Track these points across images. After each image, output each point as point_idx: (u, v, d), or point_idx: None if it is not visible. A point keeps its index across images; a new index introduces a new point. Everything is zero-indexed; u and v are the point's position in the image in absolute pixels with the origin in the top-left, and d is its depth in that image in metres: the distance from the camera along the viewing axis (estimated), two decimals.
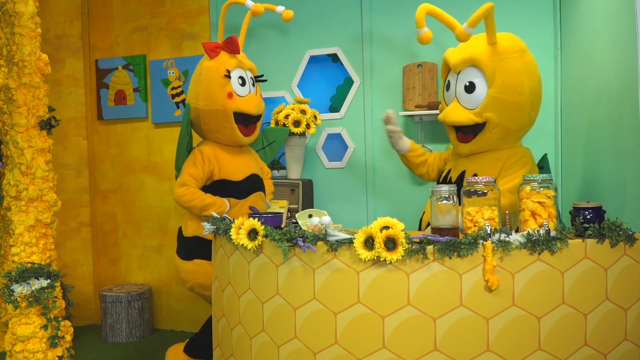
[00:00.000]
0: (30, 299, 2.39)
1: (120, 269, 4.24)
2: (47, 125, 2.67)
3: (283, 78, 3.73)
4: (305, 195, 3.43)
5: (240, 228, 2.02)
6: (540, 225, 1.86)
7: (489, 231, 1.75)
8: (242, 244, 2.00)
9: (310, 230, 1.90)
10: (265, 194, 3.04)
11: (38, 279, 2.44)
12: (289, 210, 3.31)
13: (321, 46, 3.63)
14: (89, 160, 4.26)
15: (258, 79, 2.97)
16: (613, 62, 2.31)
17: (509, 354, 1.74)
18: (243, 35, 3.12)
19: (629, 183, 2.17)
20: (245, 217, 2.08)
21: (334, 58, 3.65)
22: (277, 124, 3.37)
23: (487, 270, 1.71)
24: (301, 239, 1.85)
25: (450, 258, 1.74)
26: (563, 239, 1.76)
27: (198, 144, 2.93)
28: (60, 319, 2.52)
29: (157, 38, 4.04)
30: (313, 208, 3.14)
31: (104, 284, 4.27)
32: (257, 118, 2.92)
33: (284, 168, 3.59)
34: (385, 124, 2.80)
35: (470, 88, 2.44)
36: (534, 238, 1.74)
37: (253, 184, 2.91)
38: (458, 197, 1.96)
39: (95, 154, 4.27)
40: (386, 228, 1.74)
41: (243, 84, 2.83)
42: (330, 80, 3.68)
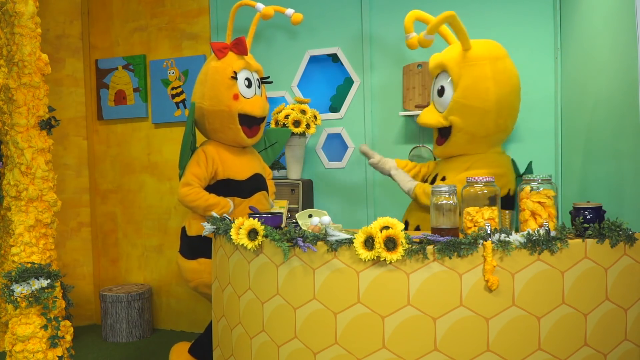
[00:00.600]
0: (30, 299, 2.39)
1: (120, 269, 4.24)
2: (47, 125, 2.67)
3: (283, 78, 3.73)
4: (305, 195, 3.43)
5: (240, 228, 2.02)
6: (540, 225, 1.86)
7: (489, 231, 1.75)
8: (242, 244, 2.00)
9: (310, 230, 1.90)
10: (269, 194, 3.04)
11: (38, 279, 2.44)
12: (289, 210, 3.31)
13: (321, 46, 3.63)
14: (89, 160, 4.26)
15: (264, 80, 2.98)
16: (613, 62, 2.31)
17: (509, 354, 1.74)
18: (251, 37, 3.11)
19: (629, 183, 2.17)
20: (245, 217, 2.08)
21: (334, 58, 3.65)
22: (277, 124, 3.37)
23: (487, 270, 1.72)
24: (301, 239, 1.85)
25: (450, 258, 1.74)
26: (563, 239, 1.76)
27: (202, 143, 2.94)
28: (60, 319, 2.52)
29: (157, 38, 4.04)
30: (313, 208, 3.13)
31: (104, 284, 4.27)
32: (261, 120, 2.93)
33: (284, 168, 3.59)
34: (367, 157, 2.88)
35: (441, 92, 2.54)
36: (534, 238, 1.74)
37: (257, 184, 2.91)
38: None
39: (95, 154, 4.27)
40: (386, 228, 1.74)
41: (249, 85, 2.84)
42: (330, 80, 3.68)
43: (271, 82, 3.09)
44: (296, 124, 3.34)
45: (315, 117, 3.42)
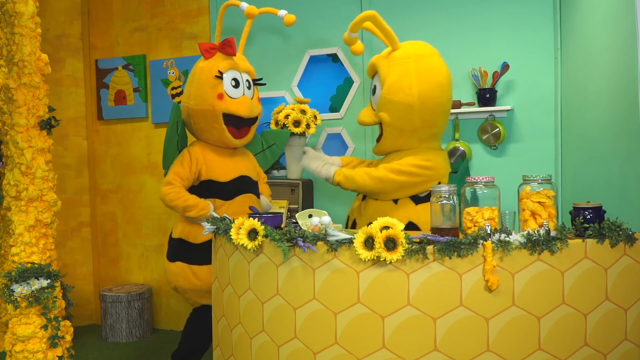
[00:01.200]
0: (30, 299, 2.39)
1: (120, 269, 4.24)
2: (47, 125, 2.67)
3: (283, 78, 3.73)
4: (305, 195, 3.43)
5: (240, 228, 2.02)
6: (540, 225, 1.86)
7: (489, 231, 1.75)
8: (242, 244, 2.00)
9: (310, 230, 1.90)
10: (259, 197, 2.99)
11: (38, 279, 2.44)
12: (289, 210, 3.31)
13: (321, 46, 3.63)
14: (89, 160, 4.26)
15: (256, 82, 2.94)
16: (613, 62, 2.31)
17: (509, 354, 1.74)
18: (244, 38, 3.08)
19: (629, 183, 2.17)
20: (245, 217, 2.08)
21: (334, 58, 3.65)
22: (277, 124, 3.37)
23: (487, 270, 1.72)
24: (301, 239, 1.85)
25: (450, 258, 1.74)
26: (563, 239, 1.75)
27: (190, 144, 2.93)
28: (60, 319, 2.52)
29: (157, 38, 4.04)
30: (313, 208, 3.13)
31: (104, 284, 4.27)
32: (251, 121, 2.87)
33: (284, 168, 3.59)
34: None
35: (374, 90, 2.64)
36: (534, 238, 1.74)
37: (241, 186, 2.86)
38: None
39: (95, 154, 4.27)
40: (386, 228, 1.74)
41: (236, 85, 2.80)
42: (330, 80, 3.68)
43: (264, 84, 3.04)
44: (296, 124, 3.34)
45: (315, 117, 3.41)
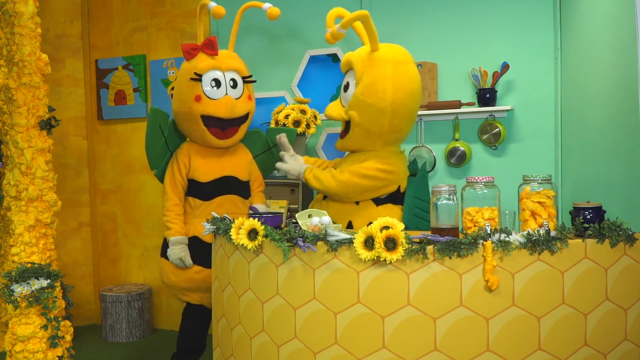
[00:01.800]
0: (30, 299, 2.40)
1: (120, 269, 4.24)
2: (47, 125, 2.67)
3: (283, 78, 3.72)
4: (305, 195, 3.43)
5: (240, 228, 2.02)
6: (540, 225, 1.86)
7: (489, 231, 1.75)
8: (242, 244, 2.00)
9: (310, 230, 1.90)
10: (246, 198, 2.95)
11: (38, 279, 2.44)
12: (289, 210, 3.30)
13: (321, 46, 3.63)
14: (89, 160, 4.26)
15: (246, 79, 2.87)
16: (613, 62, 2.31)
17: (509, 354, 1.74)
18: (234, 35, 3.02)
19: (629, 183, 2.17)
20: (244, 217, 2.08)
21: (334, 58, 3.65)
22: (277, 124, 3.37)
23: (487, 270, 1.72)
24: (301, 239, 1.85)
25: (450, 258, 1.74)
26: (563, 239, 1.75)
27: (180, 145, 2.91)
28: (60, 319, 2.53)
29: (157, 38, 4.04)
30: (313, 208, 3.12)
31: (104, 284, 4.27)
32: (237, 121, 2.81)
33: None
34: (282, 149, 2.87)
35: (346, 87, 2.65)
36: (534, 238, 1.74)
37: (222, 187, 2.83)
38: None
39: (95, 154, 4.27)
40: (386, 228, 1.74)
41: (217, 86, 2.75)
42: (330, 80, 3.68)
43: (254, 82, 2.94)
44: (296, 124, 3.34)
45: (315, 117, 3.41)
